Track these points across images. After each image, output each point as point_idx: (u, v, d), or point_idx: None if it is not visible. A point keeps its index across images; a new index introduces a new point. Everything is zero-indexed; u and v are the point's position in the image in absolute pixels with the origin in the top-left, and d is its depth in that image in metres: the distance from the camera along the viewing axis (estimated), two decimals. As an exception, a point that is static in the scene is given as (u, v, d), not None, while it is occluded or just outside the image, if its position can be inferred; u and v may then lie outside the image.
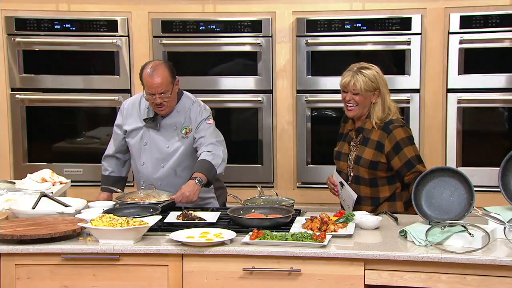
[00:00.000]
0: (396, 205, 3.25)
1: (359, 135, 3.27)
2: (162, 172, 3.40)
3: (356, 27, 4.14)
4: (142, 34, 4.27)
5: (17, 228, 2.81)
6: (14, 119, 4.34)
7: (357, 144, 3.27)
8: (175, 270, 2.75)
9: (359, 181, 3.25)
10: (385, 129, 3.20)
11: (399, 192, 3.25)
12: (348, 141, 3.32)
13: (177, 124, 3.39)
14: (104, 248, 2.74)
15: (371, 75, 3.19)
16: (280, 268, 2.71)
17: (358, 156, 3.24)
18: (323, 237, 2.74)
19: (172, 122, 3.39)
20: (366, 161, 3.21)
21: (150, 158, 3.42)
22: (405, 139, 3.18)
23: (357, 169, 3.24)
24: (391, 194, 3.24)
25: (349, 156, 3.29)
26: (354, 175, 3.26)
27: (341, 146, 3.35)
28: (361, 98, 3.20)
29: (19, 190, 3.46)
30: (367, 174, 3.22)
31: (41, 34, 4.27)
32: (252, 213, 3.06)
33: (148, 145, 3.41)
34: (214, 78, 4.32)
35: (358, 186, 3.26)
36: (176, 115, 3.39)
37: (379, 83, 3.21)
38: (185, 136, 3.38)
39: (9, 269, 2.75)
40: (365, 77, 3.18)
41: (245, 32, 4.24)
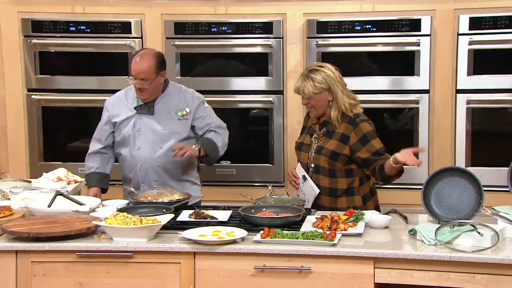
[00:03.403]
0: (354, 199, 3.30)
1: (322, 128, 3.35)
2: (161, 152, 3.51)
3: (366, 28, 4.13)
4: (155, 35, 4.27)
5: (33, 226, 2.83)
6: (30, 119, 4.36)
7: (320, 136, 3.35)
8: (187, 267, 2.76)
9: (319, 170, 3.31)
10: (351, 122, 3.27)
11: (357, 187, 3.32)
12: (311, 133, 3.40)
13: (170, 107, 3.51)
14: (118, 246, 2.76)
15: (320, 78, 3.26)
16: (290, 266, 2.71)
17: (320, 146, 3.32)
18: (333, 236, 2.74)
19: (164, 105, 3.51)
20: (328, 151, 3.28)
21: (146, 142, 3.52)
22: (371, 132, 3.27)
23: (318, 158, 3.31)
24: (349, 188, 3.30)
25: (310, 147, 3.35)
26: (314, 165, 3.32)
27: (304, 137, 3.44)
28: (314, 101, 3.29)
29: (35, 188, 3.48)
30: (327, 164, 3.28)
31: (56, 36, 4.29)
32: (263, 212, 3.06)
33: (142, 130, 3.51)
34: (225, 79, 4.32)
35: (317, 176, 3.31)
36: (168, 99, 3.52)
37: (329, 83, 3.26)
38: (182, 118, 3.50)
39: (26, 266, 2.77)
40: (313, 81, 3.26)
41: (257, 34, 4.24)
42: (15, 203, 3.16)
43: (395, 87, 4.19)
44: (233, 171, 4.34)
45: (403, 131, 4.26)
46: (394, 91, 4.19)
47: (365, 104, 4.17)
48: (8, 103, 4.34)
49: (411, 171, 4.19)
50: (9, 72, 4.32)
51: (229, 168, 4.35)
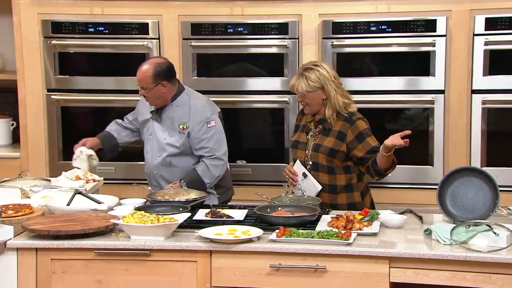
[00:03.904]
0: (354, 195, 3.35)
1: (318, 126, 3.38)
2: (158, 161, 3.56)
3: (381, 29, 4.11)
4: (172, 36, 4.29)
5: (53, 224, 2.85)
6: (50, 119, 4.39)
7: (316, 134, 3.38)
8: (203, 266, 2.77)
9: (318, 168, 3.34)
10: (347, 120, 3.31)
11: (356, 183, 3.36)
12: (306, 132, 3.42)
13: (174, 118, 3.52)
14: (135, 244, 2.77)
15: (313, 76, 3.29)
16: (306, 265, 2.71)
17: (317, 144, 3.35)
18: (349, 235, 2.74)
19: (170, 115, 3.53)
20: (326, 148, 3.31)
21: (151, 148, 3.59)
22: (366, 130, 3.31)
23: (316, 156, 3.33)
24: (348, 184, 3.34)
25: (307, 145, 3.37)
26: (313, 163, 3.35)
27: (299, 136, 3.45)
28: (308, 99, 3.32)
29: (54, 187, 3.51)
30: (326, 161, 3.31)
31: (75, 37, 4.32)
32: (278, 211, 3.06)
33: (151, 135, 3.58)
34: (241, 79, 4.33)
35: (317, 173, 3.34)
36: (175, 110, 3.52)
37: (323, 82, 3.29)
38: (182, 131, 3.50)
39: (45, 264, 2.80)
40: (307, 80, 3.29)
41: (272, 34, 4.24)
42: (35, 202, 3.19)
43: (410, 87, 4.17)
44: (248, 170, 4.34)
45: (418, 131, 4.23)
46: (409, 92, 4.17)
47: (380, 104, 4.22)
48: (28, 103, 4.37)
49: (426, 171, 4.19)
50: (30, 72, 4.35)
51: (245, 167, 4.35)
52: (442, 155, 4.14)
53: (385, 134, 4.25)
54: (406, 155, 4.24)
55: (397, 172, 4.16)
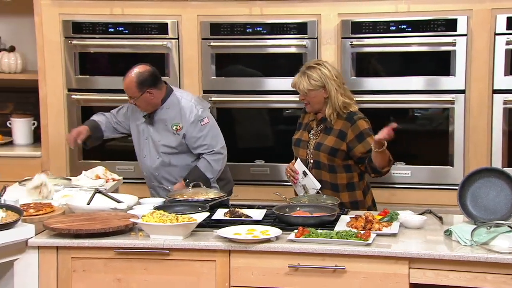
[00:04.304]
0: (356, 194, 3.38)
1: (320, 124, 3.40)
2: (158, 163, 3.62)
3: (401, 28, 4.08)
4: (191, 36, 4.29)
5: (73, 222, 2.87)
6: (70, 118, 4.41)
7: (317, 132, 3.41)
8: (222, 265, 2.77)
9: (319, 166, 3.37)
10: (348, 119, 3.33)
11: (357, 182, 3.39)
12: (308, 130, 3.45)
13: (166, 120, 3.57)
14: (154, 243, 2.78)
15: (315, 75, 3.32)
16: (325, 266, 2.70)
17: (318, 143, 3.37)
18: (368, 236, 2.72)
19: (162, 118, 3.58)
20: (327, 147, 3.33)
21: (149, 151, 3.65)
22: (367, 130, 3.32)
23: (317, 154, 3.35)
24: (349, 183, 3.37)
25: (308, 143, 3.39)
26: (314, 161, 3.37)
27: (301, 134, 3.49)
28: (310, 97, 3.35)
29: (74, 186, 3.53)
30: (327, 160, 3.34)
31: (96, 37, 4.34)
32: (297, 211, 3.05)
33: (148, 139, 3.63)
34: (260, 79, 4.32)
35: (319, 171, 3.36)
36: (166, 112, 3.57)
37: (324, 81, 3.32)
38: (176, 132, 3.54)
39: (66, 262, 2.82)
40: (309, 78, 3.33)
41: (291, 34, 4.23)
42: (55, 201, 3.21)
43: (430, 87, 4.13)
44: (267, 170, 4.34)
45: (438, 131, 4.20)
46: (429, 92, 4.13)
47: (399, 104, 4.19)
48: (49, 102, 4.40)
49: (446, 172, 4.15)
50: (51, 72, 4.38)
51: (263, 167, 4.35)
52: (462, 156, 4.10)
53: (405, 135, 4.26)
54: (426, 155, 4.22)
55: (416, 173, 4.17)
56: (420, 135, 4.24)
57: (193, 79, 4.29)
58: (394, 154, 4.19)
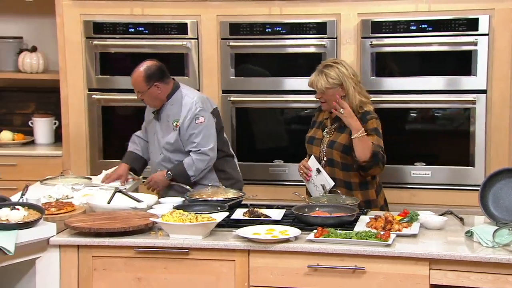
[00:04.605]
0: (369, 193, 3.37)
1: (334, 123, 3.41)
2: (160, 158, 3.64)
3: (421, 28, 4.04)
4: (210, 36, 4.30)
5: (94, 221, 2.89)
6: (91, 118, 4.44)
7: (331, 130, 3.41)
8: (241, 265, 2.77)
9: (333, 164, 3.37)
10: (361, 118, 3.33)
11: (370, 180, 3.39)
12: (322, 128, 3.46)
13: (169, 117, 3.61)
14: (174, 243, 2.79)
15: (333, 73, 3.34)
16: (344, 266, 2.69)
17: (332, 141, 3.37)
18: (388, 236, 2.71)
19: (166, 114, 3.62)
20: (340, 145, 3.34)
21: (154, 147, 3.69)
22: (372, 129, 3.31)
23: (331, 152, 3.36)
24: (362, 181, 3.36)
25: (322, 141, 3.40)
26: (327, 159, 3.38)
27: (315, 132, 3.49)
28: (327, 96, 3.35)
29: (95, 185, 3.56)
30: (340, 157, 3.34)
31: (116, 37, 4.36)
32: (316, 211, 3.05)
33: (154, 135, 3.67)
34: (279, 79, 4.32)
35: (333, 169, 3.36)
36: (170, 108, 3.60)
37: (342, 79, 3.34)
38: (175, 128, 3.57)
39: (87, 260, 2.84)
40: (326, 77, 3.34)
41: (311, 34, 4.22)
42: (76, 199, 3.24)
43: (451, 87, 4.10)
44: (285, 170, 4.33)
45: (458, 131, 4.16)
46: (450, 91, 4.10)
47: (419, 104, 4.16)
48: (70, 102, 4.43)
49: (466, 172, 4.11)
50: (72, 72, 4.41)
51: (282, 167, 4.34)
52: (483, 156, 4.06)
53: (425, 135, 4.23)
54: (446, 156, 4.18)
55: (437, 173, 4.14)
56: (441, 135, 4.21)
57: (212, 79, 4.30)
58: (414, 154, 4.21)
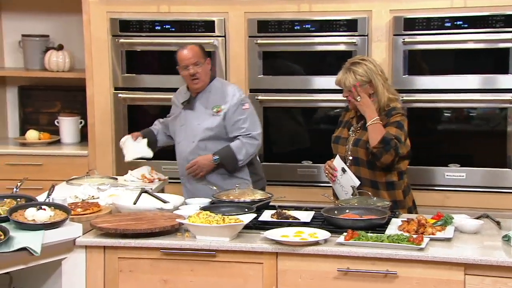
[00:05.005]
0: (395, 193, 3.37)
1: (360, 121, 3.41)
2: (192, 147, 3.67)
3: (456, 25, 4.01)
4: (238, 34, 4.32)
5: (120, 222, 2.93)
6: (117, 117, 4.48)
7: (357, 129, 3.42)
8: (269, 268, 2.78)
9: (358, 162, 3.37)
10: (387, 114, 3.35)
11: (397, 181, 3.37)
12: (348, 127, 3.47)
13: (208, 103, 3.66)
14: (201, 244, 2.81)
15: (361, 71, 3.36)
16: (375, 270, 2.68)
17: (357, 139, 3.39)
18: (421, 240, 2.69)
19: (204, 101, 3.67)
20: (365, 143, 3.33)
21: (184, 136, 3.71)
22: (394, 122, 3.32)
23: (356, 151, 3.37)
24: (389, 181, 3.36)
25: (347, 140, 3.43)
26: (353, 158, 3.39)
27: (341, 131, 3.52)
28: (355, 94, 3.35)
29: (121, 185, 3.60)
30: (365, 155, 3.34)
31: (142, 35, 4.41)
32: (346, 213, 3.04)
33: (183, 125, 3.69)
34: (308, 77, 4.32)
35: (358, 168, 3.36)
36: (208, 95, 3.67)
37: (371, 76, 3.36)
38: (216, 113, 3.62)
39: (113, 262, 2.87)
40: (355, 74, 3.36)
41: (341, 31, 4.21)
42: (102, 200, 3.29)
43: (487, 86, 4.06)
44: (314, 171, 4.33)
45: (494, 132, 4.12)
46: (486, 90, 4.06)
47: (454, 104, 4.13)
48: (96, 101, 4.48)
49: (503, 174, 4.06)
50: (98, 70, 4.46)
51: (311, 168, 4.34)
52: (521, 158, 4.02)
53: (459, 135, 4.19)
54: (482, 157, 4.14)
55: (472, 175, 4.09)
56: (476, 135, 4.17)
57: (239, 78, 4.32)
58: (448, 155, 4.18)
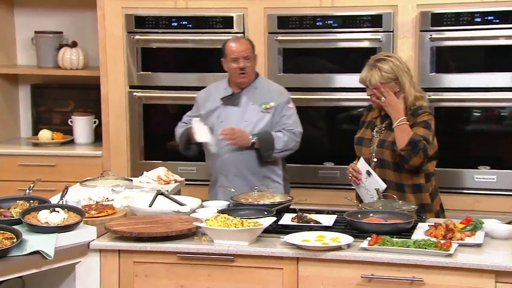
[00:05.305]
0: (422, 196, 3.33)
1: (384, 121, 3.37)
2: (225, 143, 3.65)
3: (487, 20, 3.95)
4: (257, 30, 4.29)
5: (135, 225, 2.91)
6: (132, 116, 4.48)
7: (381, 129, 3.38)
8: (290, 274, 2.75)
9: (384, 165, 3.33)
10: (413, 113, 3.31)
11: (424, 183, 3.33)
12: (372, 128, 3.43)
13: (255, 99, 3.70)
14: (218, 249, 2.79)
15: (387, 67, 3.32)
16: (401, 277, 2.65)
17: (382, 140, 3.34)
18: (449, 246, 2.65)
19: (250, 97, 3.70)
20: (391, 144, 3.29)
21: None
22: (421, 122, 3.28)
23: (381, 152, 3.33)
24: (415, 184, 3.31)
25: (371, 141, 3.39)
26: (378, 160, 3.34)
27: (363, 132, 3.47)
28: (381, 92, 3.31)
29: (136, 187, 3.59)
30: (391, 157, 3.30)
31: (158, 32, 4.39)
32: (370, 217, 3.01)
33: (225, 121, 3.68)
34: (330, 75, 4.29)
35: (383, 171, 3.32)
36: (254, 91, 3.71)
37: (397, 73, 3.32)
38: (265, 111, 3.68)
39: (128, 266, 2.86)
40: (380, 71, 3.32)
41: (364, 27, 4.17)
42: (117, 202, 3.27)
43: (519, 84, 4.00)
44: (337, 173, 4.30)
45: (527, 132, 4.06)
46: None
47: (484, 103, 4.07)
48: (110, 99, 4.48)
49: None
50: (113, 68, 4.46)
51: (333, 170, 4.31)
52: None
53: (489, 136, 4.13)
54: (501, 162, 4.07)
55: (503, 178, 4.03)
56: (506, 136, 4.11)
57: (259, 75, 4.29)
58: (478, 157, 4.11)
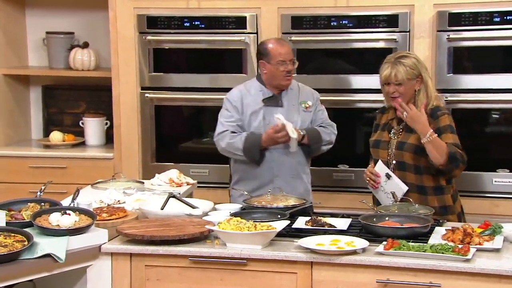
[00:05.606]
0: (444, 198, 3.35)
1: (401, 122, 3.38)
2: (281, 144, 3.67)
3: (506, 20, 3.95)
4: (271, 30, 4.31)
5: (147, 228, 2.94)
6: (143, 118, 4.51)
7: (399, 131, 3.39)
8: (304, 278, 2.77)
9: (404, 167, 3.34)
10: (432, 115, 3.32)
11: (445, 185, 3.35)
12: (388, 130, 3.44)
13: (294, 100, 3.78)
14: (231, 252, 2.81)
15: (411, 63, 3.35)
16: (417, 282, 2.65)
17: (401, 142, 3.36)
18: (467, 250, 2.66)
19: (290, 98, 3.78)
20: (411, 146, 3.31)
21: None
22: (446, 127, 3.30)
23: (401, 155, 3.34)
24: (437, 186, 3.33)
25: (389, 143, 3.39)
26: (397, 162, 3.36)
27: (380, 135, 3.48)
28: (405, 88, 3.35)
29: (148, 190, 3.62)
30: (412, 159, 3.32)
31: (171, 32, 4.42)
32: (386, 221, 3.02)
33: (271, 123, 3.69)
34: (344, 76, 4.30)
35: (403, 173, 3.33)
36: (290, 92, 3.79)
37: (420, 70, 3.36)
38: (306, 110, 3.78)
39: (139, 270, 2.88)
40: (405, 66, 3.34)
41: (380, 27, 4.18)
42: (128, 205, 3.31)
43: (539, 85, 4.00)
44: (351, 176, 4.31)
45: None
46: (538, 90, 4.00)
47: (503, 104, 4.07)
48: (122, 101, 4.51)
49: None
50: (124, 69, 4.49)
51: (348, 172, 4.32)
52: None
53: (508, 139, 4.12)
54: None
55: (521, 181, 4.03)
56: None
57: (272, 77, 4.31)
58: (497, 160, 4.11)
